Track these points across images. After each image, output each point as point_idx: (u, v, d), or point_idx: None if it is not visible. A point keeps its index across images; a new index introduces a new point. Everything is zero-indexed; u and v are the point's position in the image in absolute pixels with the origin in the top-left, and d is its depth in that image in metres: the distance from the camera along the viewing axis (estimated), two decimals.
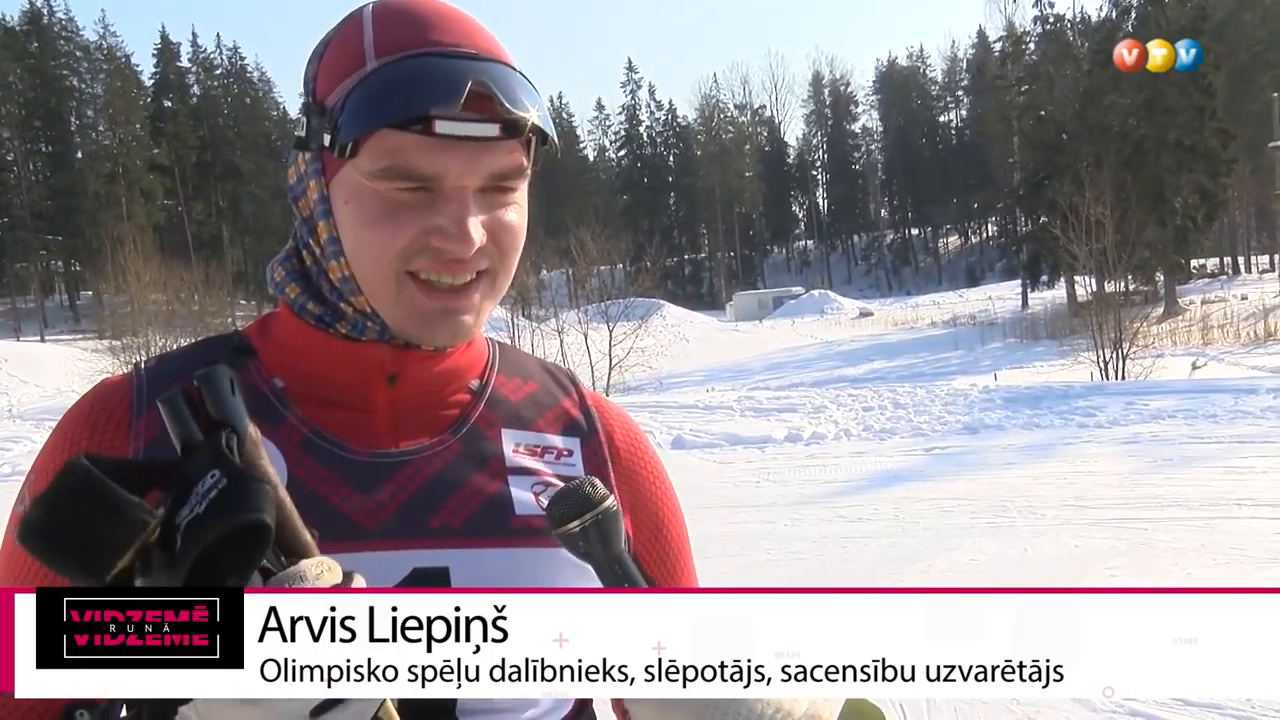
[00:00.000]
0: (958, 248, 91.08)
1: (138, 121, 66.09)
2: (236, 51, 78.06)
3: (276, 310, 0.95)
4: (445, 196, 0.81)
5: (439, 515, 0.87)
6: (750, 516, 7.97)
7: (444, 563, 0.85)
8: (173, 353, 0.95)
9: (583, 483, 0.80)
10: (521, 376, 1.00)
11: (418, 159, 0.80)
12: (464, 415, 0.93)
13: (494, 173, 0.83)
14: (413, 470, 0.89)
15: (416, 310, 0.85)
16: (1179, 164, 38.00)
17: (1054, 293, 42.64)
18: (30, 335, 50.59)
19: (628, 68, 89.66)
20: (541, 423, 0.97)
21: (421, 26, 0.83)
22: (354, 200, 0.83)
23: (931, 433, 11.91)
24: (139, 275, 28.20)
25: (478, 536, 0.87)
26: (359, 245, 0.84)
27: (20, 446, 16.03)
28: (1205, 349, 25.84)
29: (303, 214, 0.89)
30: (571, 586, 0.89)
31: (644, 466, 1.02)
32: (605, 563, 0.80)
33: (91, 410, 0.89)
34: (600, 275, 30.17)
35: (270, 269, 0.94)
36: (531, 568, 0.88)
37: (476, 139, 0.81)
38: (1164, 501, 7.57)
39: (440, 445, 0.91)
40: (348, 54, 0.84)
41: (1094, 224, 23.65)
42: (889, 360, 30.00)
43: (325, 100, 0.84)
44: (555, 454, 0.96)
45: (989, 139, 62.19)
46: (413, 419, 0.91)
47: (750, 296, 60.61)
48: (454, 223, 0.81)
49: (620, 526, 0.80)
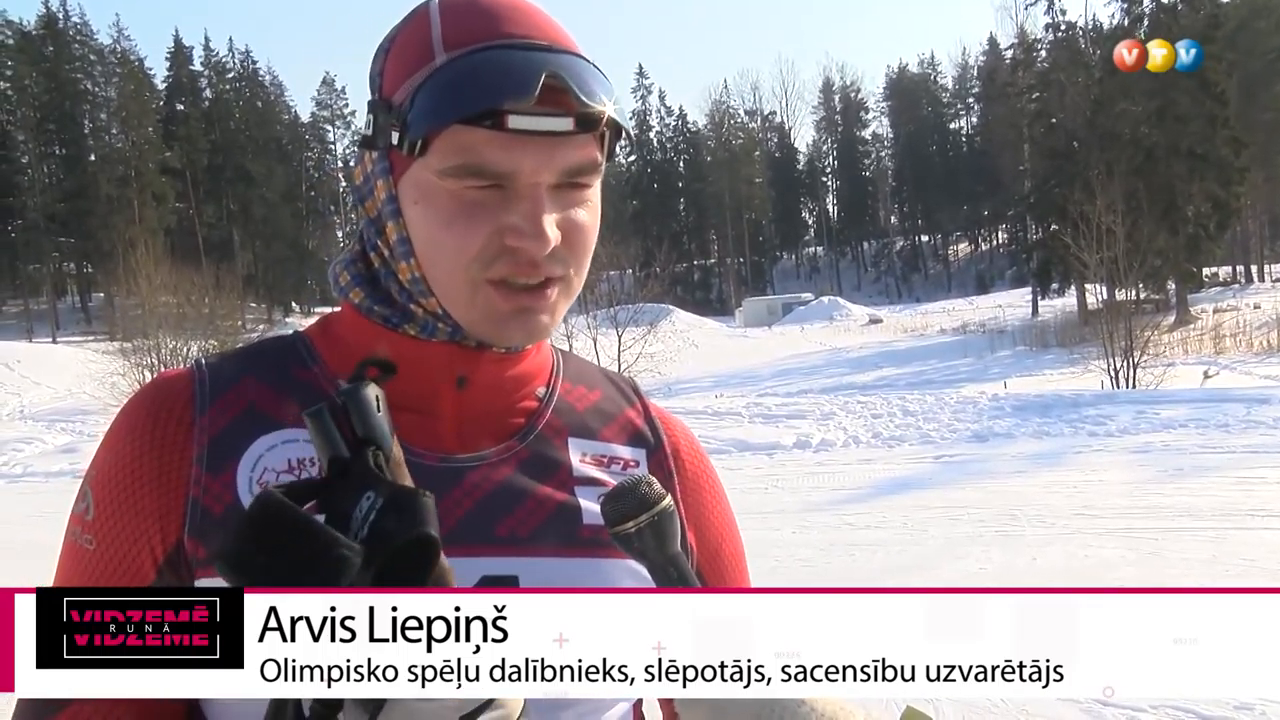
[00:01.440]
0: (967, 255, 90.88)
1: (150, 125, 66.34)
2: (249, 55, 78.31)
3: (338, 311, 0.93)
4: (519, 194, 0.79)
5: (506, 524, 0.86)
6: (758, 523, 7.96)
7: (513, 571, 0.84)
8: (236, 351, 0.94)
9: (639, 481, 0.78)
10: (586, 385, 0.98)
11: (490, 155, 0.77)
12: (531, 423, 0.92)
13: (568, 168, 0.80)
14: (480, 477, 0.87)
15: (492, 311, 0.82)
16: (1191, 172, 37.86)
17: (1064, 300, 42.55)
18: (42, 337, 50.76)
19: (638, 73, 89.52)
20: (607, 433, 0.95)
21: (491, 18, 0.81)
22: (424, 200, 0.81)
23: (940, 440, 11.88)
24: (150, 278, 28.23)
25: (546, 546, 0.86)
26: (431, 246, 0.82)
27: (32, 447, 16.10)
28: (1217, 358, 25.74)
29: (370, 215, 0.87)
30: None
31: (708, 482, 1.01)
32: (660, 564, 0.78)
33: (154, 405, 0.86)
34: (609, 280, 30.19)
35: (333, 273, 0.92)
36: (600, 579, 0.86)
37: (550, 133, 0.78)
38: (1175, 511, 7.53)
39: (508, 452, 0.89)
40: (415, 49, 0.82)
41: (1105, 232, 23.59)
42: (898, 367, 29.94)
43: (392, 97, 0.81)
44: (622, 465, 0.94)
45: (999, 146, 62.14)
46: (480, 424, 0.89)
47: (759, 303, 60.57)
48: (528, 220, 0.79)
49: (676, 527, 0.78)
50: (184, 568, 0.82)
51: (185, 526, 0.82)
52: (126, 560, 0.82)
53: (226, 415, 0.85)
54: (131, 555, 0.82)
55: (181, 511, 0.82)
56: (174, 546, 0.82)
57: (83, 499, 0.86)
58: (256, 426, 0.85)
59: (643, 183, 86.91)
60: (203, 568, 0.81)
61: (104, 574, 0.82)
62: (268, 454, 0.83)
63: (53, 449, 15.79)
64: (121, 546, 0.82)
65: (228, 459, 0.83)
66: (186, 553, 0.82)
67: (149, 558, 0.82)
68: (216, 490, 0.82)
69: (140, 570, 0.82)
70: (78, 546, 0.84)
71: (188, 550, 0.82)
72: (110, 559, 0.82)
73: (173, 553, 0.82)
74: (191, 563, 0.82)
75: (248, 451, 0.83)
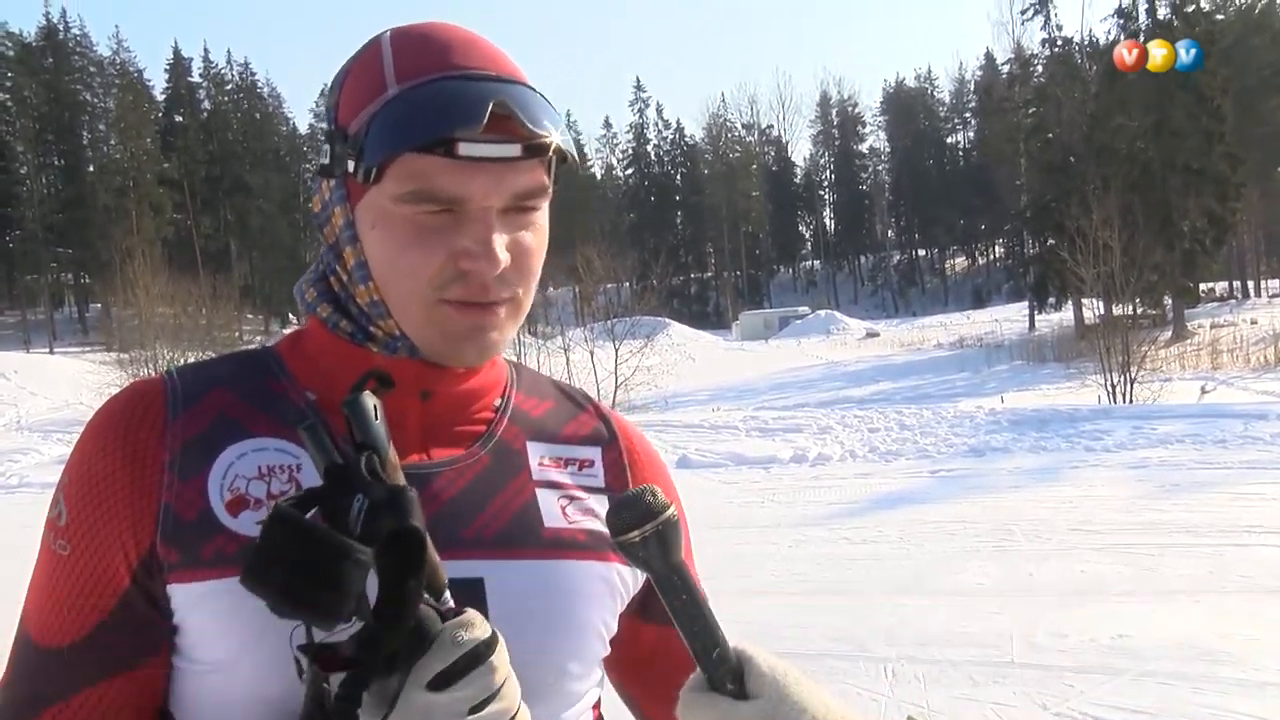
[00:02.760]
0: (964, 269, 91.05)
1: (148, 136, 66.50)
2: (247, 67, 78.65)
3: (306, 327, 0.96)
4: (470, 217, 0.83)
5: (472, 527, 0.88)
6: (754, 537, 7.94)
7: (478, 574, 0.86)
8: (207, 362, 0.96)
9: (643, 491, 0.80)
10: (539, 395, 1.02)
11: (442, 181, 0.81)
12: (491, 430, 0.95)
13: (517, 192, 0.84)
14: (445, 482, 0.90)
15: (446, 330, 0.86)
16: (1187, 187, 37.94)
17: (1061, 315, 42.54)
18: (40, 347, 50.70)
19: (635, 87, 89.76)
20: (563, 434, 0.99)
21: (441, 51, 0.85)
22: (380, 225, 0.84)
23: (937, 455, 11.86)
24: (147, 288, 28.25)
25: (511, 548, 0.89)
26: (388, 269, 0.85)
27: (28, 458, 16.05)
28: (1214, 373, 25.71)
29: (328, 241, 0.91)
30: (601, 599, 0.93)
31: (660, 477, 1.04)
32: (665, 573, 0.79)
33: (127, 412, 0.88)
34: (606, 293, 30.21)
35: (300, 290, 0.95)
36: (562, 580, 0.90)
37: (499, 159, 0.82)
38: (1172, 527, 7.51)
39: (470, 458, 0.92)
40: (369, 80, 0.85)
41: (1101, 246, 23.59)
42: (895, 381, 29.91)
43: (348, 127, 0.85)
44: (578, 465, 0.98)
45: (996, 161, 62.22)
46: (442, 434, 0.93)
47: (756, 316, 60.58)
48: (479, 243, 0.83)
49: (680, 536, 0.80)
50: (157, 572, 0.83)
51: (158, 531, 0.83)
52: (100, 565, 0.84)
53: (199, 423, 0.87)
54: (105, 560, 0.84)
55: (154, 516, 0.83)
56: (147, 551, 0.83)
57: (56, 505, 0.87)
58: (228, 435, 0.87)
59: (640, 195, 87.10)
60: (174, 572, 0.82)
61: (79, 578, 0.84)
62: (239, 461, 0.85)
63: (49, 460, 15.73)
64: (96, 551, 0.84)
65: (200, 466, 0.85)
66: (159, 557, 0.83)
67: (123, 562, 0.84)
68: (189, 496, 0.84)
69: (114, 575, 0.84)
70: (53, 552, 0.86)
71: (160, 555, 0.83)
72: (85, 564, 0.84)
73: (146, 557, 0.83)
74: (164, 567, 0.83)
75: (219, 458, 0.85)
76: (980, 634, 5.34)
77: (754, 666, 0.80)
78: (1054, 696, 4.46)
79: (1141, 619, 5.45)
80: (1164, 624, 5.36)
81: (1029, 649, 5.07)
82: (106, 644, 0.83)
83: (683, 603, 0.80)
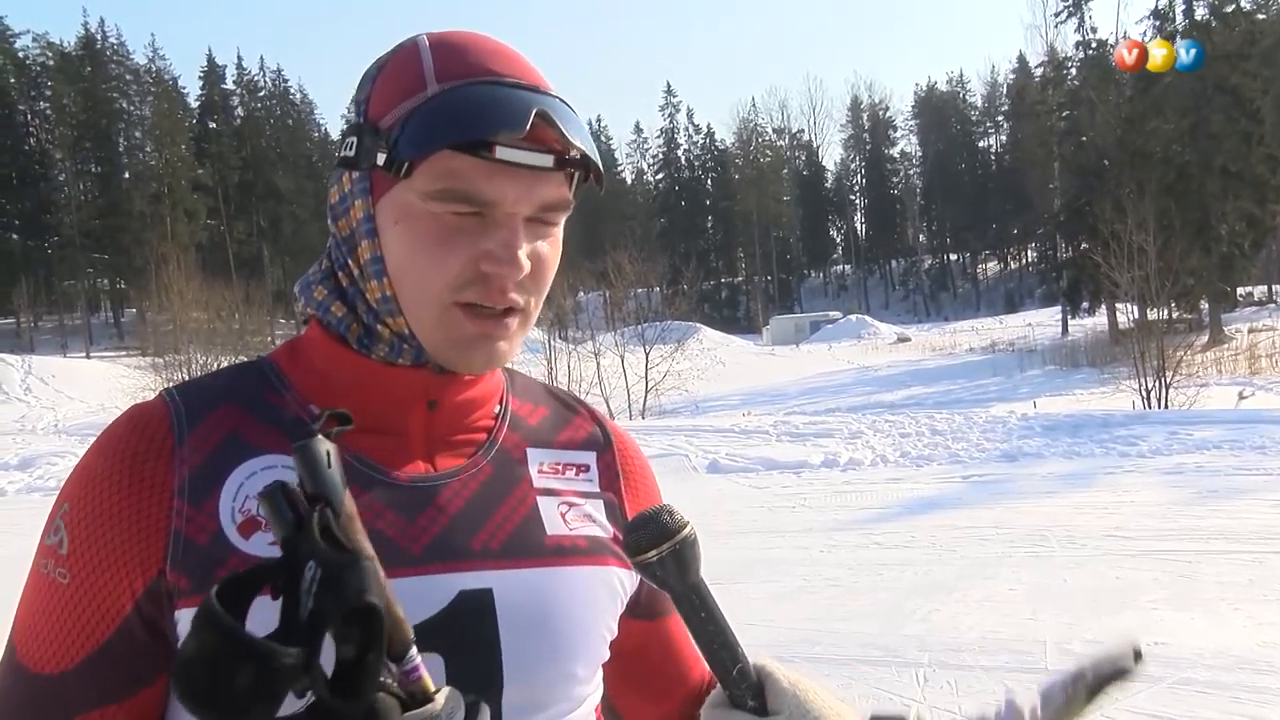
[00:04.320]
0: (996, 273, 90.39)
1: (183, 142, 67.29)
2: (280, 74, 79.47)
3: (303, 335, 0.94)
4: (496, 222, 0.83)
5: (479, 537, 0.88)
6: (785, 542, 7.91)
7: (487, 584, 0.86)
8: (204, 378, 0.93)
9: (660, 510, 0.80)
10: (534, 400, 1.03)
11: (478, 182, 0.81)
12: (491, 438, 0.95)
13: (544, 203, 0.85)
14: (451, 493, 0.90)
15: (457, 335, 0.86)
16: (1225, 190, 37.47)
17: (1094, 320, 42.14)
18: (76, 352, 51.38)
19: (666, 91, 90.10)
20: (560, 440, 1.00)
21: (483, 57, 0.86)
22: (405, 221, 0.84)
23: (969, 460, 11.78)
24: (181, 293, 28.59)
25: (517, 557, 0.89)
26: (407, 266, 0.85)
27: (65, 461, 16.25)
28: (1252, 378, 25.39)
29: (342, 233, 0.89)
30: (604, 604, 0.93)
31: (650, 483, 1.06)
32: (683, 592, 0.79)
33: (130, 440, 0.85)
34: (637, 298, 30.25)
35: (306, 288, 0.93)
36: (567, 587, 0.90)
37: (533, 168, 0.83)
38: (1209, 534, 7.41)
39: (474, 468, 0.93)
40: (406, 78, 0.86)
41: (1136, 250, 23.37)
42: (926, 386, 29.76)
43: (380, 121, 0.85)
44: (575, 470, 0.99)
45: (1029, 164, 61.75)
46: (445, 443, 0.93)
47: (787, 321, 60.48)
48: (504, 248, 0.83)
49: (698, 554, 0.80)
50: (165, 599, 0.82)
51: (168, 559, 0.81)
52: (103, 594, 0.82)
53: (206, 445, 0.85)
54: (108, 590, 0.82)
55: (163, 545, 0.82)
56: (154, 579, 0.82)
57: (55, 531, 0.84)
58: (236, 454, 0.85)
59: (670, 200, 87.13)
60: (185, 599, 0.81)
61: (79, 607, 0.82)
62: (248, 481, 0.84)
63: None
64: (98, 581, 0.82)
65: (210, 488, 0.83)
66: (168, 583, 0.81)
67: (127, 592, 0.82)
68: (200, 521, 0.82)
69: (117, 604, 0.82)
70: (49, 579, 0.84)
71: (169, 581, 0.81)
72: (86, 593, 0.82)
73: (153, 585, 0.82)
74: (173, 593, 0.81)
75: (229, 479, 0.84)
76: (1013, 640, 5.28)
77: (774, 683, 0.80)
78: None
79: (1178, 627, 5.38)
80: (1201, 632, 5.28)
81: (1063, 656, 5.01)
82: (103, 672, 0.82)
83: (702, 621, 0.79)
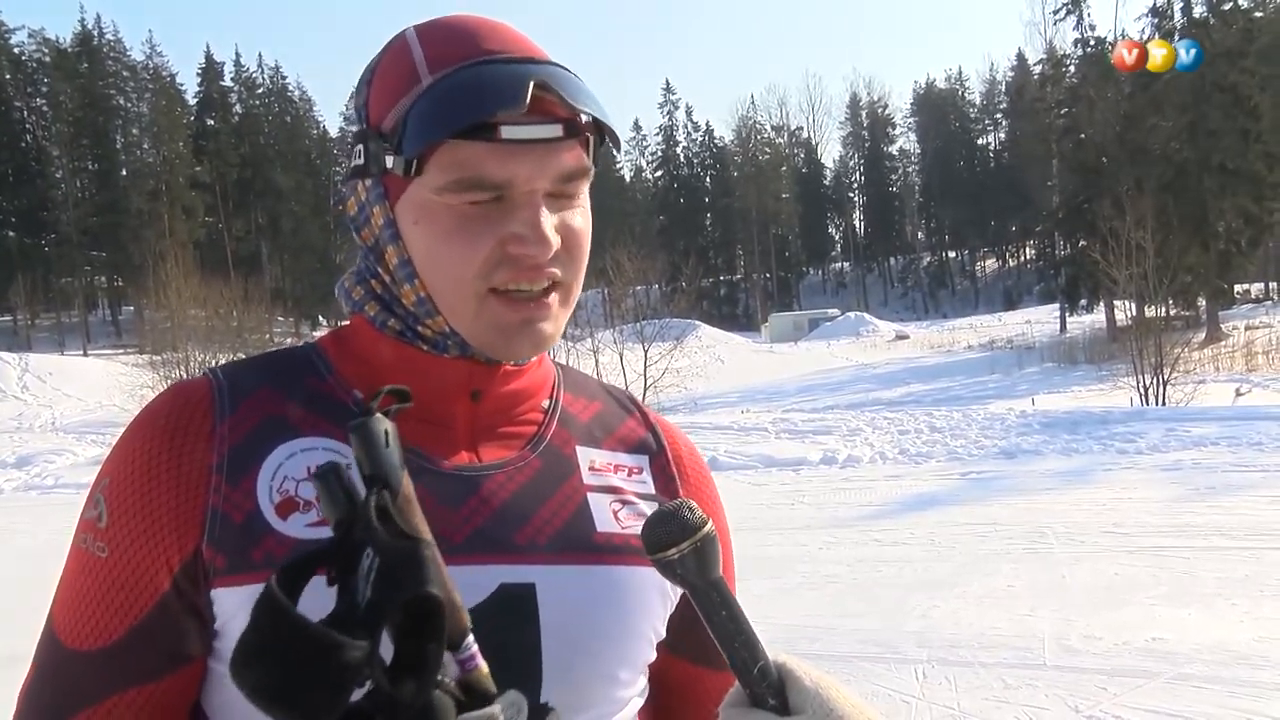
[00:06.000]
0: (995, 271, 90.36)
1: (181, 139, 67.09)
2: (278, 71, 79.08)
3: (349, 324, 0.94)
4: (516, 203, 0.82)
5: (524, 532, 0.87)
6: (784, 539, 7.92)
7: (530, 579, 0.85)
8: (249, 360, 0.94)
9: (680, 506, 0.78)
10: (587, 396, 1.00)
11: (487, 167, 0.80)
12: (540, 433, 0.94)
13: (561, 174, 0.83)
14: (495, 485, 0.88)
15: (498, 323, 0.84)
16: (1222, 187, 37.49)
17: (1092, 317, 42.18)
18: (74, 349, 51.30)
19: (665, 89, 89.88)
20: (611, 441, 0.98)
21: (471, 38, 0.84)
22: (424, 219, 0.83)
23: (968, 457, 11.79)
24: (179, 291, 28.56)
25: (563, 553, 0.87)
26: (435, 263, 0.84)
27: (63, 459, 16.24)
28: (1249, 375, 25.41)
29: (367, 243, 0.89)
30: (652, 605, 0.91)
31: (708, 487, 1.03)
32: (703, 589, 0.77)
33: (172, 414, 0.86)
34: (636, 295, 30.23)
35: (344, 287, 0.93)
36: (615, 587, 0.88)
37: (542, 141, 0.81)
38: (1207, 530, 7.42)
39: (521, 461, 0.91)
40: (399, 75, 0.84)
41: (1134, 248, 23.39)
42: (925, 383, 29.75)
43: (381, 124, 0.84)
44: (627, 471, 0.96)
45: (1027, 161, 61.81)
46: (491, 435, 0.91)
47: (786, 318, 60.44)
48: (529, 227, 0.81)
49: (718, 551, 0.78)
50: (201, 577, 0.81)
51: (204, 535, 0.81)
52: (141, 569, 0.82)
53: (246, 424, 0.85)
54: (146, 564, 0.82)
55: (200, 520, 0.82)
56: (191, 556, 0.81)
57: (95, 505, 0.85)
58: (276, 435, 0.85)
59: (669, 198, 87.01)
60: (221, 577, 0.81)
61: (117, 581, 0.82)
62: (287, 462, 0.84)
63: (84, 461, 15.90)
64: (136, 555, 0.82)
65: (248, 467, 0.83)
66: (204, 560, 0.81)
67: (164, 567, 0.82)
68: (237, 499, 0.82)
69: (155, 579, 0.82)
70: (88, 553, 0.84)
71: (205, 558, 0.81)
72: (124, 567, 0.82)
73: (189, 562, 0.81)
74: (210, 571, 0.81)
75: (267, 460, 0.84)
76: (1012, 636, 5.29)
77: (796, 681, 0.78)
78: (1086, 700, 4.41)
79: (1176, 622, 5.39)
80: (1199, 627, 5.29)
81: (1062, 652, 5.02)
82: (140, 650, 0.81)
83: (722, 619, 0.78)
